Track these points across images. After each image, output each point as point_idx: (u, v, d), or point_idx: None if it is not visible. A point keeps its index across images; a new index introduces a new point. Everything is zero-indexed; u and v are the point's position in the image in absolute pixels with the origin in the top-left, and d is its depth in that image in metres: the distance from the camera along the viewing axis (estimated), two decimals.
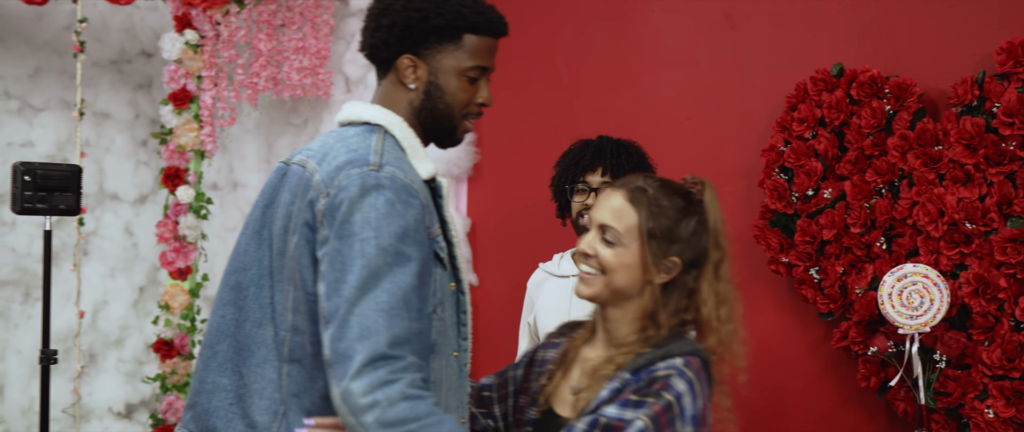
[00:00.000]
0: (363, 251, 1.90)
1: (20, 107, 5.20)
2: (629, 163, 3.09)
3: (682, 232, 2.09)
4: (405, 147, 2.08)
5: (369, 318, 1.87)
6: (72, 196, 3.19)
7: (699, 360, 2.06)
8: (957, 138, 3.06)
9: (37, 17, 5.14)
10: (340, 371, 1.87)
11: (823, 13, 3.51)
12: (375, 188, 1.94)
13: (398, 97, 2.12)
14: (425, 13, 2.06)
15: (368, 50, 2.15)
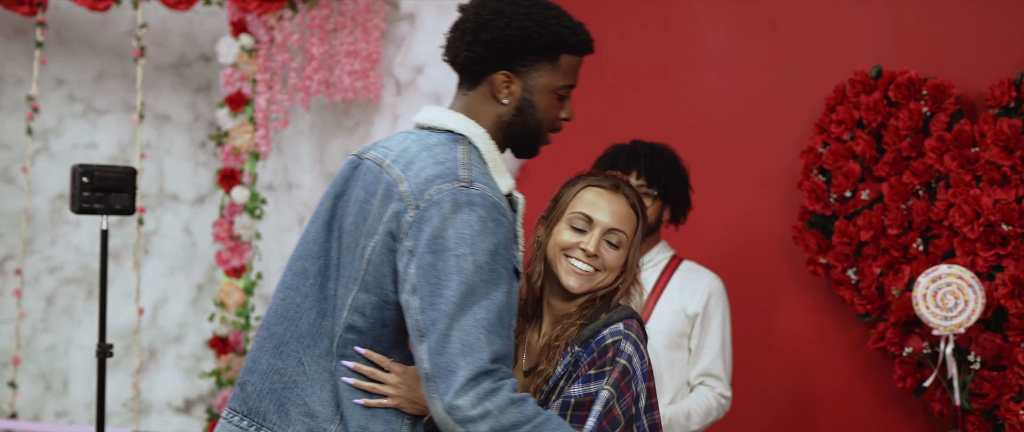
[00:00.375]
0: (460, 267, 1.95)
1: (84, 110, 5.39)
2: (663, 166, 3.14)
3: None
4: (488, 160, 2.11)
5: (471, 334, 1.93)
6: (127, 196, 3.32)
7: (636, 321, 2.19)
8: (994, 140, 3.08)
9: (101, 23, 5.32)
10: (443, 386, 1.93)
11: (863, 15, 3.53)
12: (468, 205, 1.98)
13: (486, 109, 2.14)
14: (528, 33, 2.09)
15: (462, 62, 2.15)
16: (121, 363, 5.38)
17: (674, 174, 3.17)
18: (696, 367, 3.14)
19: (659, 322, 3.12)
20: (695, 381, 3.14)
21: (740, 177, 3.82)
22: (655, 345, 3.10)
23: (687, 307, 3.13)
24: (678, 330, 3.12)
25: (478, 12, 2.13)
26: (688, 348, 3.15)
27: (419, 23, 4.69)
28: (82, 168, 3.27)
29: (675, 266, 3.21)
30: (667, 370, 3.10)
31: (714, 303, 3.15)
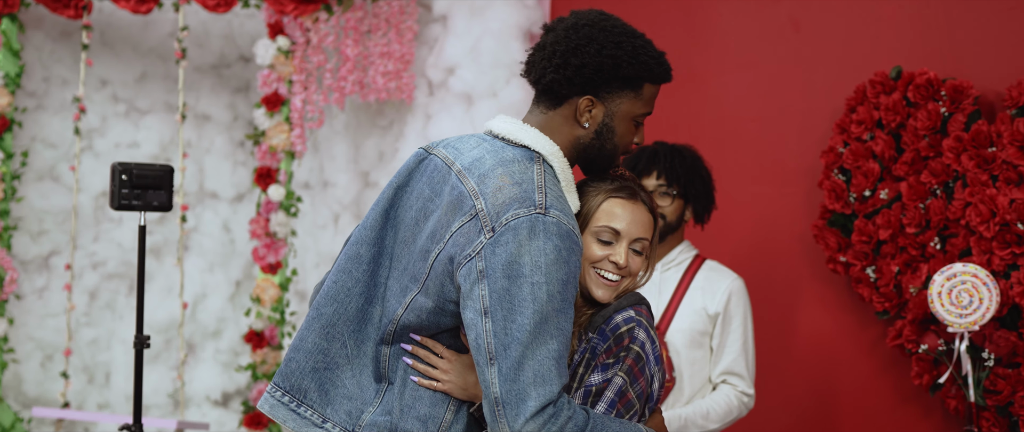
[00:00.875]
0: (535, 296, 1.99)
1: (127, 110, 5.54)
2: (683, 166, 3.19)
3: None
4: (561, 180, 2.14)
5: (544, 365, 1.99)
6: (164, 194, 3.46)
7: (645, 306, 2.22)
8: (1010, 140, 3.13)
9: (144, 25, 5.47)
10: (512, 413, 1.99)
11: (885, 16, 3.59)
12: (544, 233, 2.01)
13: (565, 130, 2.16)
14: (618, 61, 2.12)
15: (548, 82, 2.17)
16: (161, 357, 5.53)
17: (695, 174, 3.22)
18: (718, 366, 3.19)
19: (681, 321, 3.18)
20: (717, 379, 3.19)
21: (763, 176, 3.88)
22: (677, 344, 3.16)
23: (708, 306, 3.18)
24: (700, 329, 3.17)
25: (569, 36, 2.14)
26: (710, 347, 3.21)
27: (451, 25, 4.80)
28: (121, 166, 3.41)
29: (698, 266, 3.27)
30: (688, 368, 3.16)
31: (735, 302, 3.20)
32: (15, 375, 5.27)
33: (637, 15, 4.34)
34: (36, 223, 5.33)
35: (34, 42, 5.30)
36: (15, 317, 5.21)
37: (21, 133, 5.27)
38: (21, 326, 5.27)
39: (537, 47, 2.20)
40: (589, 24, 2.16)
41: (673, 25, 4.21)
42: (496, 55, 4.61)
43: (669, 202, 3.19)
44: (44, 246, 5.35)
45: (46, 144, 5.35)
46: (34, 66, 5.31)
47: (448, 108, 4.81)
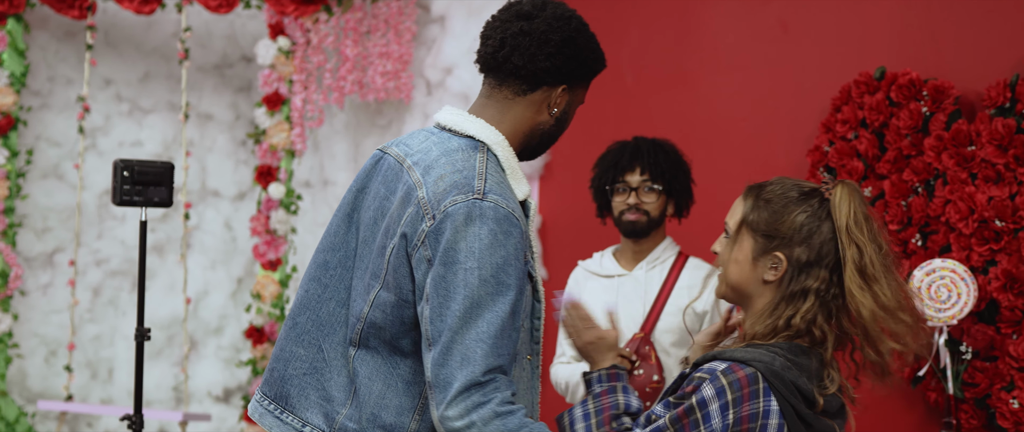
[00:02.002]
0: (467, 281, 2.04)
1: (130, 109, 5.68)
2: (666, 161, 3.29)
3: (786, 227, 2.06)
4: (506, 168, 2.19)
5: (470, 348, 2.03)
6: (165, 190, 3.58)
7: (749, 370, 1.99)
8: (989, 139, 3.24)
9: (147, 25, 5.60)
10: (440, 397, 2.05)
11: (870, 17, 3.70)
12: (479, 218, 2.06)
13: (528, 116, 2.22)
14: (598, 58, 2.24)
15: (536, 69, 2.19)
16: (164, 353, 5.66)
17: (677, 168, 3.32)
18: None
19: (669, 319, 3.26)
20: None
21: (753, 174, 3.97)
22: (664, 343, 3.25)
23: (697, 304, 3.26)
24: (688, 327, 3.26)
25: (558, 25, 2.19)
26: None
27: (449, 25, 4.92)
28: (123, 163, 3.54)
29: (682, 263, 3.35)
30: (677, 367, 3.25)
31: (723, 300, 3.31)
32: (20, 370, 5.41)
33: (631, 17, 4.46)
34: (40, 220, 5.46)
35: (39, 42, 5.43)
36: (20, 313, 5.35)
37: (26, 132, 5.40)
38: (26, 322, 5.40)
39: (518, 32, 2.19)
40: (572, 16, 2.22)
41: (666, 27, 4.32)
42: None
43: (654, 198, 3.29)
44: (48, 243, 5.48)
45: (51, 142, 5.48)
46: (39, 66, 5.44)
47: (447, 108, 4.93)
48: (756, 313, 2.09)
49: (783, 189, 2.11)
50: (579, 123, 4.63)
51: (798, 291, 2.04)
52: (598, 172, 3.41)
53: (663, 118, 4.28)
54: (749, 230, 2.09)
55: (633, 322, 3.29)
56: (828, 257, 2.04)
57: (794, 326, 2.03)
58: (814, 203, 2.07)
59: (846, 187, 2.07)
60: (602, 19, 4.55)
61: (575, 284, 3.51)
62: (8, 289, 5.12)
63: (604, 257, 3.47)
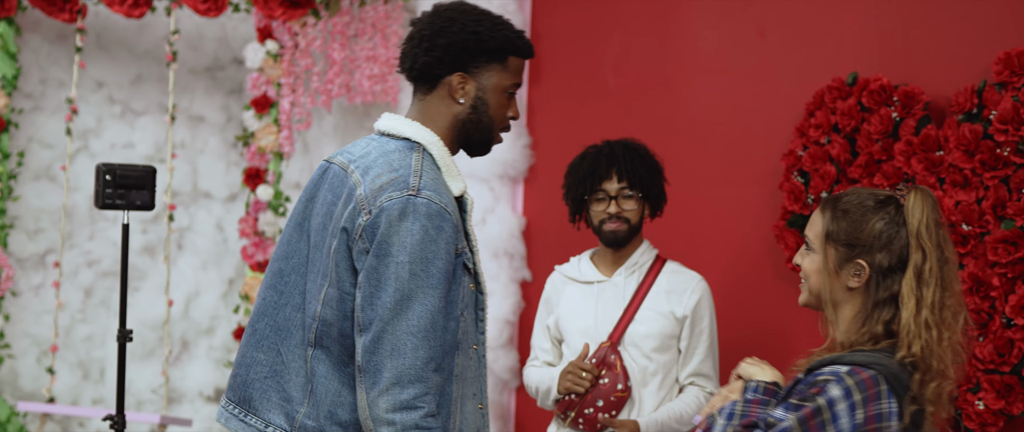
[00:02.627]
0: (398, 274, 2.21)
1: (122, 111, 5.76)
2: (642, 166, 3.34)
3: (866, 234, 2.17)
4: (441, 166, 2.37)
5: (400, 339, 2.20)
6: (147, 193, 3.68)
7: (872, 372, 2.08)
8: (956, 144, 3.31)
9: (139, 28, 5.69)
10: (369, 382, 2.22)
11: (845, 24, 3.77)
12: (413, 213, 2.22)
13: (443, 111, 2.40)
14: (481, 37, 2.36)
15: (420, 67, 2.40)
16: (155, 353, 5.75)
17: (653, 172, 3.37)
18: (686, 368, 3.33)
19: (647, 324, 3.31)
20: (685, 381, 3.34)
21: (730, 178, 4.07)
22: (644, 348, 3.30)
23: (676, 310, 3.32)
24: (668, 332, 3.31)
25: (433, 21, 2.40)
26: (677, 349, 3.36)
27: None
28: (105, 167, 3.63)
29: (659, 267, 3.40)
30: (657, 373, 3.31)
31: (703, 305, 3.35)
32: (11, 370, 5.50)
33: (613, 21, 4.54)
34: (32, 222, 5.55)
35: (31, 45, 5.52)
36: (11, 314, 5.44)
37: (18, 134, 5.49)
38: (17, 322, 5.50)
39: (408, 39, 2.43)
40: (449, 8, 2.41)
41: (647, 32, 4.40)
42: None
43: (633, 204, 3.33)
44: (40, 244, 5.57)
45: (43, 144, 5.57)
46: (31, 68, 5.53)
47: None
48: (847, 320, 2.21)
49: (859, 199, 2.21)
50: (561, 126, 4.73)
51: (887, 297, 2.16)
52: (574, 180, 3.43)
53: (644, 121, 4.36)
54: (830, 241, 2.20)
55: (612, 328, 3.35)
56: (905, 260, 2.15)
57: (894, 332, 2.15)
58: (891, 210, 2.17)
59: (919, 192, 2.18)
60: (584, 23, 4.64)
61: (553, 289, 3.55)
62: None
63: (582, 262, 3.51)
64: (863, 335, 2.16)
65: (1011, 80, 3.23)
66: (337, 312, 2.33)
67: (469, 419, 2.40)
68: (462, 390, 2.40)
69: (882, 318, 2.15)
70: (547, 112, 4.81)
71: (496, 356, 4.79)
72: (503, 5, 4.83)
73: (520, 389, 4.85)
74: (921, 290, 2.13)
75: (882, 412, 2.08)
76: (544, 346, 3.52)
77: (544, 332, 3.53)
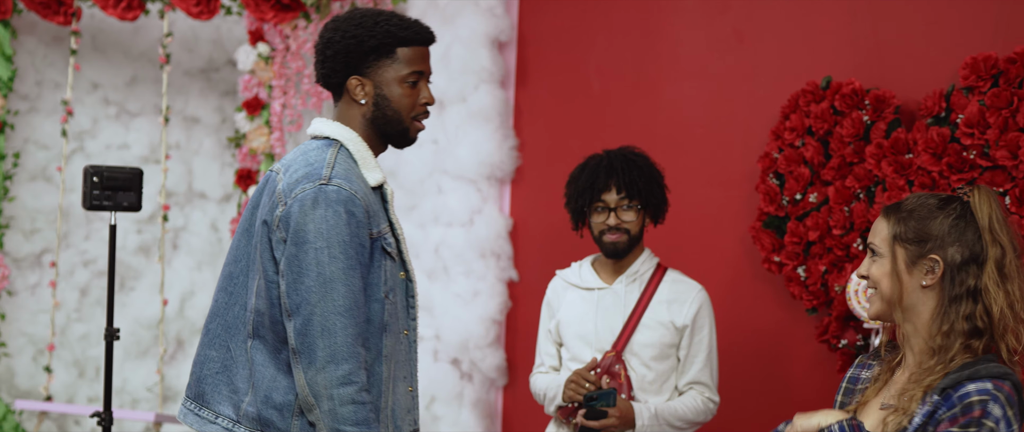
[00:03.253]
0: (318, 259, 2.39)
1: (118, 113, 5.88)
2: (640, 177, 3.35)
3: (935, 230, 2.17)
4: (357, 159, 2.53)
5: (329, 319, 2.38)
6: (134, 195, 3.80)
7: (1010, 383, 2.10)
8: (924, 147, 3.41)
9: (134, 30, 5.80)
10: (305, 361, 2.41)
11: (820, 28, 3.87)
12: (324, 201, 2.40)
13: (353, 113, 2.57)
14: (360, 38, 2.52)
15: (321, 79, 2.60)
16: (150, 352, 5.86)
17: (653, 181, 3.38)
18: (685, 375, 3.37)
19: (649, 334, 3.35)
20: (684, 388, 3.39)
21: (710, 179, 4.17)
22: (644, 357, 3.34)
23: (676, 319, 3.35)
24: (668, 341, 3.35)
25: (323, 34, 2.59)
26: (676, 357, 3.40)
27: None
28: (93, 169, 3.74)
29: (660, 276, 3.42)
30: (656, 380, 3.36)
31: (703, 315, 3.37)
32: (8, 369, 5.62)
33: (598, 27, 4.64)
34: (29, 222, 5.67)
35: (27, 47, 5.63)
36: (8, 313, 5.56)
37: (14, 135, 5.61)
38: (14, 321, 5.61)
39: (315, 54, 2.62)
40: (335, 19, 2.59)
41: (630, 36, 4.50)
42: (465, 62, 4.91)
43: (633, 215, 3.34)
44: (37, 244, 5.69)
45: (39, 145, 5.69)
46: (28, 70, 5.65)
47: None
48: (925, 323, 2.19)
49: (921, 200, 2.23)
50: (548, 128, 4.83)
51: (963, 292, 2.16)
52: (574, 191, 3.44)
53: (627, 123, 4.46)
54: (899, 242, 2.20)
55: (612, 335, 3.39)
56: (981, 254, 2.16)
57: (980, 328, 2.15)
58: (956, 206, 2.20)
59: (983, 190, 2.21)
60: (570, 27, 4.74)
61: (554, 294, 3.56)
62: None
63: (583, 268, 3.53)
64: (949, 334, 2.16)
65: (977, 85, 3.33)
66: (266, 301, 2.50)
67: (400, 400, 2.57)
68: (393, 372, 2.56)
69: (962, 313, 2.15)
70: (534, 114, 4.91)
71: (483, 355, 4.89)
72: (491, 8, 4.93)
73: (507, 387, 4.96)
74: (1006, 284, 2.16)
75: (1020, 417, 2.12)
76: (549, 351, 3.56)
77: (547, 337, 3.57)
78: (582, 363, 3.39)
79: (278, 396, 2.49)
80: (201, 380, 2.60)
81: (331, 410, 2.39)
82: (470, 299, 4.93)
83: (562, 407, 3.38)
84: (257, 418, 2.52)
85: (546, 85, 4.88)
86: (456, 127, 4.98)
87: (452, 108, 5.00)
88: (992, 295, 2.15)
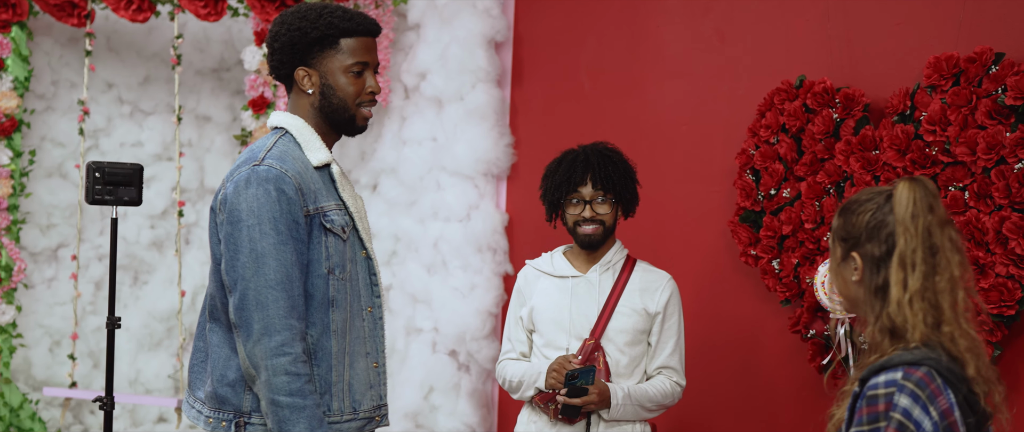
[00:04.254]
0: (250, 236, 2.52)
1: (131, 111, 6.11)
2: (615, 173, 3.51)
3: (857, 227, 2.20)
4: (301, 143, 2.68)
5: (262, 293, 2.52)
6: (135, 190, 4.01)
7: (927, 369, 2.08)
8: (889, 143, 3.56)
9: (147, 31, 6.03)
10: (244, 335, 2.55)
11: (796, 29, 4.03)
12: (256, 181, 2.54)
13: (302, 103, 2.72)
14: (303, 30, 2.66)
15: (272, 72, 2.75)
16: (163, 344, 6.09)
17: (626, 177, 3.55)
18: (656, 360, 3.54)
19: (622, 320, 3.52)
20: (653, 372, 3.56)
21: (692, 175, 4.34)
22: (618, 342, 3.51)
23: (648, 306, 3.52)
24: (640, 328, 3.52)
25: (271, 29, 2.73)
26: (647, 342, 3.58)
27: (424, 33, 5.29)
28: (95, 165, 3.96)
29: (631, 266, 3.60)
30: (630, 365, 3.53)
31: (672, 302, 3.55)
32: (24, 359, 5.86)
33: (588, 29, 4.82)
34: (45, 217, 5.90)
35: (43, 48, 5.87)
36: (24, 305, 5.79)
37: (31, 133, 5.85)
38: (30, 314, 5.86)
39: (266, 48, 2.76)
40: (283, 14, 2.72)
41: (619, 39, 4.67)
42: (462, 61, 5.09)
43: (607, 208, 3.50)
44: (52, 239, 5.93)
45: (55, 143, 5.93)
46: (44, 70, 5.89)
47: (421, 111, 5.30)
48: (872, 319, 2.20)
49: (857, 195, 2.26)
50: (541, 126, 5.01)
51: (883, 284, 2.17)
52: (553, 184, 3.59)
53: (615, 121, 4.63)
54: (836, 239, 2.27)
55: (588, 322, 3.56)
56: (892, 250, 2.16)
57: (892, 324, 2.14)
58: (880, 199, 2.21)
59: (913, 182, 2.19)
60: (562, 29, 4.92)
61: (525, 282, 3.71)
62: (12, 282, 5.57)
63: (555, 257, 3.69)
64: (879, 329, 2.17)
65: (940, 83, 3.48)
66: (216, 283, 2.67)
67: (359, 375, 2.70)
68: (350, 347, 2.69)
69: (887, 310, 2.15)
70: (528, 112, 5.09)
71: (480, 346, 5.07)
72: (487, 9, 5.11)
73: None
74: (906, 276, 2.13)
75: (950, 403, 2.08)
76: (520, 337, 3.71)
77: (518, 323, 3.72)
78: (556, 348, 3.55)
79: (231, 373, 2.64)
80: (190, 369, 2.78)
81: (267, 380, 2.52)
82: (467, 292, 5.11)
83: (543, 392, 3.55)
84: (214, 396, 2.66)
85: (540, 85, 5.06)
86: (454, 125, 5.16)
87: (450, 107, 5.18)
88: (891, 286, 2.14)
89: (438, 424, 5.13)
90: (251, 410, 2.64)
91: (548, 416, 3.55)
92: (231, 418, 2.65)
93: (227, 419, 2.65)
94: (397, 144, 5.39)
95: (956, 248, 2.19)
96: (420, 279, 5.22)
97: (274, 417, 2.54)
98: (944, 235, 2.18)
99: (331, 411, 2.66)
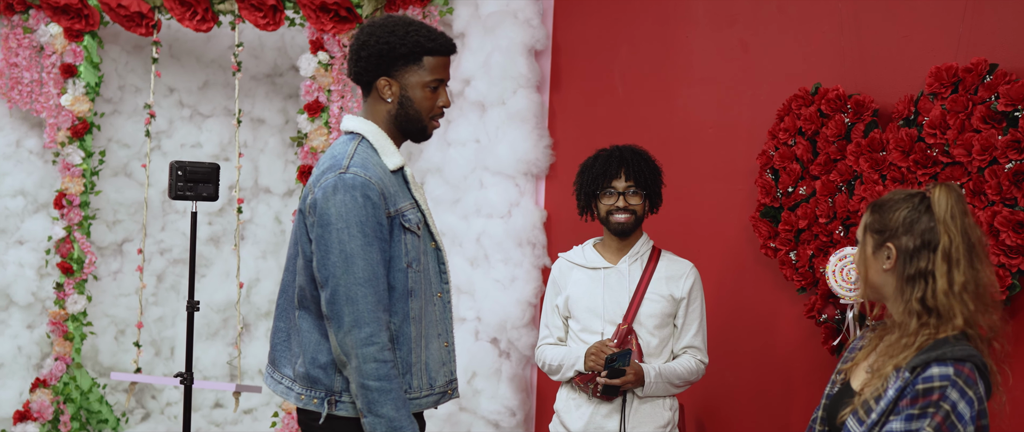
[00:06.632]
0: (339, 238, 2.74)
1: (191, 114, 6.56)
2: (646, 169, 3.95)
3: (893, 222, 2.55)
4: (377, 148, 2.89)
5: (351, 289, 2.75)
6: (212, 187, 4.47)
7: (971, 365, 2.42)
8: (895, 146, 3.99)
9: (206, 39, 6.49)
10: (335, 326, 2.79)
11: (813, 40, 4.46)
12: (343, 188, 2.75)
13: (379, 109, 2.93)
14: (392, 45, 2.85)
15: (354, 76, 2.92)
16: (220, 334, 6.54)
17: (655, 173, 4.00)
18: (681, 340, 3.99)
19: (651, 306, 3.94)
20: (679, 351, 4.02)
21: (718, 174, 4.78)
22: (649, 326, 3.94)
23: (675, 292, 3.96)
24: (667, 312, 3.96)
25: (358, 36, 2.93)
26: (673, 325, 4.03)
27: (468, 41, 5.70)
28: (177, 164, 4.43)
29: (657, 256, 4.03)
30: (659, 346, 3.97)
31: (696, 288, 4.01)
32: (92, 347, 6.34)
33: (622, 38, 5.26)
34: (111, 214, 6.38)
35: (111, 55, 6.34)
36: (93, 296, 6.27)
37: (100, 135, 6.32)
38: (98, 304, 6.33)
39: (349, 52, 2.96)
40: (371, 24, 2.93)
41: (651, 48, 5.11)
42: (504, 68, 5.50)
43: (639, 200, 3.93)
44: (118, 234, 6.40)
45: (121, 144, 6.40)
46: (111, 76, 6.35)
47: (465, 115, 5.71)
48: (891, 301, 2.61)
49: (891, 195, 2.62)
50: (579, 128, 5.47)
51: (914, 273, 2.54)
52: (587, 178, 4.00)
53: (646, 123, 5.08)
54: (869, 232, 2.62)
55: (620, 308, 3.98)
56: (933, 242, 2.52)
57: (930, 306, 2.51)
58: (915, 200, 2.57)
59: (946, 187, 2.56)
60: (597, 38, 5.37)
61: (560, 274, 4.11)
62: (83, 273, 6.05)
63: (586, 250, 4.09)
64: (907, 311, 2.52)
65: (940, 91, 3.90)
66: (306, 277, 2.90)
67: (434, 354, 2.96)
68: (425, 331, 2.94)
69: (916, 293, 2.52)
70: (566, 116, 5.53)
71: (520, 334, 5.47)
72: (528, 20, 5.54)
73: None
74: (950, 268, 2.50)
75: (981, 395, 2.45)
76: (556, 324, 4.11)
77: (554, 311, 4.11)
78: (592, 333, 3.97)
79: (322, 357, 2.89)
80: (274, 348, 3.05)
81: (358, 366, 2.76)
82: (508, 284, 5.51)
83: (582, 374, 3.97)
84: (306, 376, 2.91)
85: (577, 90, 5.48)
86: (496, 128, 5.55)
87: (493, 110, 5.57)
88: (937, 279, 2.51)
89: (481, 407, 5.51)
90: (342, 390, 2.88)
91: (587, 394, 3.96)
92: (323, 396, 2.89)
93: (319, 397, 2.90)
94: (443, 145, 5.78)
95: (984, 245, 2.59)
96: (464, 272, 5.61)
97: (364, 399, 2.78)
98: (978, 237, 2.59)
99: (412, 388, 2.92)
